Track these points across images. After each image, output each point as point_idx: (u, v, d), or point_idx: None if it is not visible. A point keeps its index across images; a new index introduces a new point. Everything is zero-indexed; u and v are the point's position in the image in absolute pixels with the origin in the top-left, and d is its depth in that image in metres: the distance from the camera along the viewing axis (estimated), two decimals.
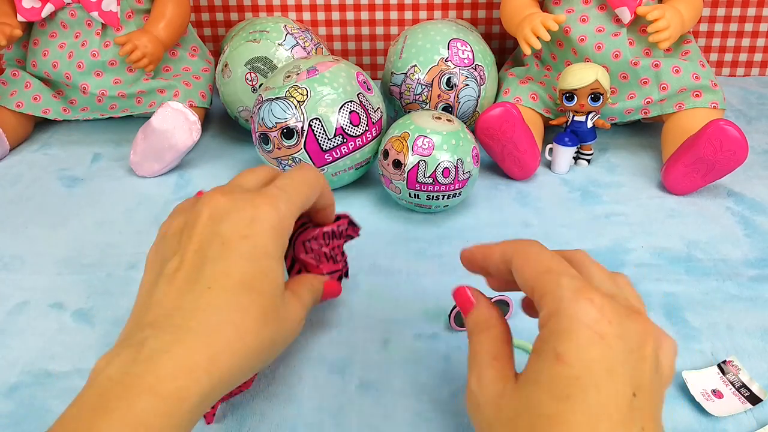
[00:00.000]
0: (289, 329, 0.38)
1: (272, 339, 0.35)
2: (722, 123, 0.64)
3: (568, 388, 0.27)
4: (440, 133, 0.63)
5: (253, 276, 0.34)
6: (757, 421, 0.44)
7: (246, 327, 0.33)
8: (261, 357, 0.35)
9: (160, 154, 0.74)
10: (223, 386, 0.32)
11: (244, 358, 0.33)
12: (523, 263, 0.33)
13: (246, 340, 0.33)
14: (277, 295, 0.36)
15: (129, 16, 0.83)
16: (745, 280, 0.57)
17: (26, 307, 0.55)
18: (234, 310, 0.33)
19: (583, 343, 0.28)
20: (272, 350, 0.36)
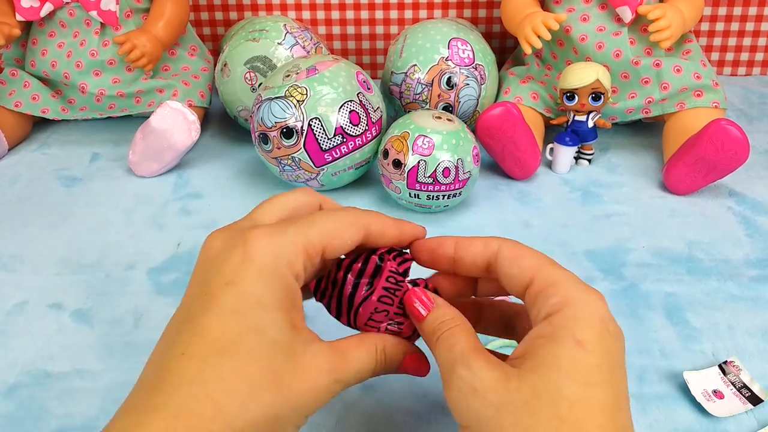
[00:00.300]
0: (303, 399, 0.29)
1: (271, 414, 0.28)
2: (724, 123, 0.64)
3: (590, 375, 0.27)
4: (440, 132, 0.63)
5: (239, 335, 0.28)
6: (758, 421, 0.44)
7: (225, 403, 0.26)
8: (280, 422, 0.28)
9: (159, 153, 0.74)
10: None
11: (257, 411, 0.27)
12: (519, 255, 0.32)
13: (227, 419, 0.26)
14: (275, 356, 0.28)
15: (128, 16, 0.83)
16: (746, 281, 0.57)
17: (25, 308, 0.55)
18: (209, 381, 0.27)
19: (603, 334, 0.28)
20: (277, 426, 0.28)
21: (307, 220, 0.31)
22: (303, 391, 0.29)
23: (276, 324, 0.28)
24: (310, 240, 0.30)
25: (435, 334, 0.32)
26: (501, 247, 0.33)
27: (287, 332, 0.29)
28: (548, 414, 0.27)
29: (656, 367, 0.48)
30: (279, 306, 0.29)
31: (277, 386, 0.28)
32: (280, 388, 0.28)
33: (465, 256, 0.34)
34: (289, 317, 0.29)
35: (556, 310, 0.29)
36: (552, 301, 0.30)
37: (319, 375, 0.29)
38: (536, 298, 0.31)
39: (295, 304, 0.30)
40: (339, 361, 0.31)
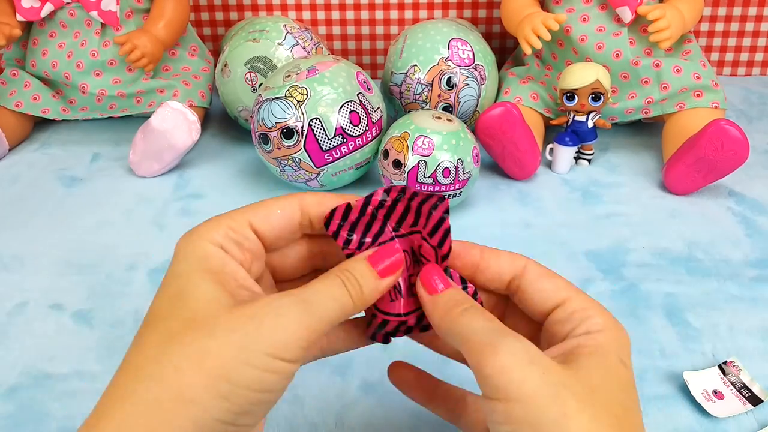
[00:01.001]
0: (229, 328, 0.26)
1: (189, 351, 0.25)
2: (723, 123, 0.64)
3: (633, 393, 0.29)
4: (440, 133, 0.63)
5: (159, 306, 0.27)
6: (758, 422, 0.44)
7: (139, 361, 0.26)
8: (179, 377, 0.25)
9: (159, 153, 0.74)
10: None
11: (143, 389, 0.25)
12: (550, 273, 0.32)
13: (140, 372, 0.25)
14: (192, 308, 0.26)
15: (128, 16, 0.83)
16: (746, 281, 0.57)
17: (25, 308, 0.55)
18: (133, 351, 0.26)
19: (630, 363, 0.30)
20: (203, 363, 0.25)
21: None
22: (237, 325, 0.26)
23: (193, 283, 0.27)
24: (229, 216, 0.30)
25: (459, 306, 0.29)
26: (529, 263, 0.33)
27: (209, 287, 0.27)
28: (607, 411, 0.27)
29: (656, 367, 0.48)
30: (197, 269, 0.27)
31: (198, 328, 0.26)
32: (204, 328, 0.26)
33: (491, 266, 0.33)
34: (211, 276, 0.27)
35: (598, 329, 0.30)
36: (594, 321, 0.30)
37: (259, 308, 0.27)
38: (572, 316, 0.30)
39: (223, 268, 0.28)
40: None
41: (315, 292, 0.28)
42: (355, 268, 0.30)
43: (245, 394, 0.25)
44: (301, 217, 0.31)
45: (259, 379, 0.25)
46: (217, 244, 0.28)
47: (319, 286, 0.28)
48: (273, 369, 0.26)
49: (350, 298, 0.29)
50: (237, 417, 0.25)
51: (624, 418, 0.27)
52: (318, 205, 0.31)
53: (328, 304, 0.28)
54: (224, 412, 0.25)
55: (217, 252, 0.28)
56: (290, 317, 0.26)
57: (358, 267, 0.30)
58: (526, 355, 0.27)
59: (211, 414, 0.24)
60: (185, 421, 0.24)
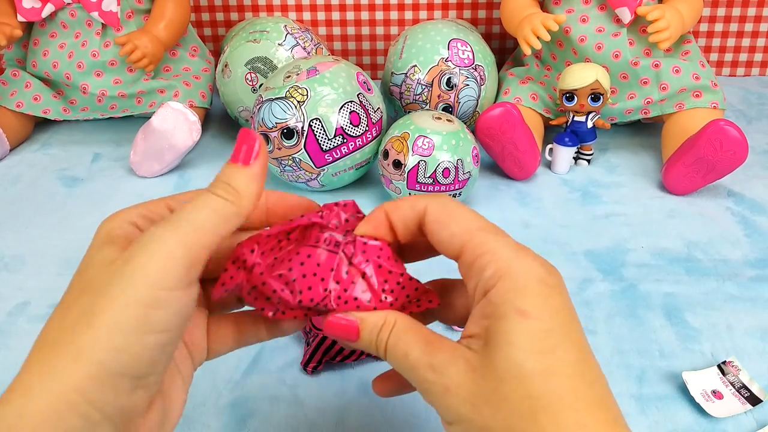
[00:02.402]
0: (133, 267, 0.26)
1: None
2: (722, 123, 0.64)
3: (545, 342, 0.26)
4: (440, 133, 0.63)
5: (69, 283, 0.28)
6: (757, 422, 0.44)
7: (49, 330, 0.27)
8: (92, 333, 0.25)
9: (160, 154, 0.74)
10: None
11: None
12: (447, 218, 0.30)
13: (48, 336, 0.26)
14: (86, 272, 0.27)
15: (129, 16, 0.83)
16: (745, 281, 0.57)
17: (26, 308, 0.55)
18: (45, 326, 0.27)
19: (544, 296, 0.27)
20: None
21: None
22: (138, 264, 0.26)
23: (95, 253, 0.27)
24: (151, 201, 0.30)
25: (379, 347, 0.30)
26: (428, 207, 0.30)
27: (107, 251, 0.27)
28: (519, 395, 0.26)
29: (655, 367, 0.48)
30: (102, 242, 0.28)
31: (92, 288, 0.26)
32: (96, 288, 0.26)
33: (396, 222, 0.31)
34: (113, 245, 0.27)
35: (491, 285, 0.28)
36: (486, 275, 0.28)
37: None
38: (470, 270, 0.29)
39: (128, 238, 0.28)
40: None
41: (185, 210, 0.27)
42: (219, 175, 0.29)
43: (139, 340, 0.25)
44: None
45: (146, 318, 0.25)
46: (129, 221, 0.29)
47: (189, 205, 0.28)
48: (158, 303, 0.25)
49: (225, 200, 0.28)
50: (137, 368, 0.25)
51: (538, 392, 0.26)
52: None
53: (202, 214, 0.27)
54: (124, 365, 0.25)
55: (124, 225, 0.28)
56: (162, 242, 0.26)
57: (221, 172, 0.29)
58: (441, 385, 0.28)
59: (112, 368, 0.25)
60: (86, 380, 0.24)
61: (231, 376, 0.48)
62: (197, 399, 0.46)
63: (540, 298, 0.27)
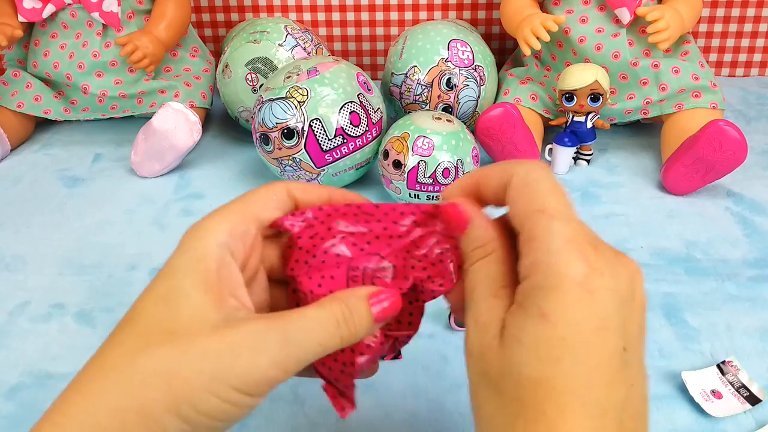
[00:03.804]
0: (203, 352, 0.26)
1: (159, 367, 0.25)
2: (721, 123, 0.64)
3: (554, 350, 0.24)
4: (440, 133, 0.63)
5: (143, 306, 0.28)
6: (756, 421, 0.44)
7: (109, 361, 0.27)
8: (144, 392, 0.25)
9: (160, 154, 0.74)
10: None
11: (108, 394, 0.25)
12: (517, 194, 0.27)
13: (108, 374, 0.26)
14: (174, 318, 0.26)
15: (130, 17, 0.83)
16: (744, 281, 0.57)
17: (27, 308, 0.56)
18: (107, 349, 0.28)
19: (571, 301, 0.25)
20: (171, 384, 0.25)
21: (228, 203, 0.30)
22: (212, 351, 0.26)
23: (182, 289, 0.26)
24: (234, 209, 0.29)
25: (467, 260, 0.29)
26: (512, 179, 0.28)
27: (196, 297, 0.26)
28: (512, 396, 0.25)
29: (655, 367, 0.48)
30: (190, 272, 0.27)
31: (175, 343, 0.26)
32: (179, 345, 0.26)
33: (485, 191, 0.30)
34: (202, 284, 0.27)
35: (525, 274, 0.26)
36: (525, 262, 0.26)
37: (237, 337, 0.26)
38: (519, 253, 0.27)
39: (218, 272, 0.27)
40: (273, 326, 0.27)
41: (302, 329, 0.26)
42: (356, 307, 0.28)
43: (206, 422, 0.25)
44: (291, 202, 0.31)
45: (222, 410, 0.25)
46: (222, 244, 0.28)
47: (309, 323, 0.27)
48: (238, 403, 0.26)
49: (340, 339, 0.27)
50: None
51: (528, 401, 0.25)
52: (303, 192, 0.31)
53: (312, 347, 0.27)
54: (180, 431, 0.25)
55: (218, 252, 0.27)
56: (268, 356, 0.26)
57: (358, 306, 0.28)
58: (468, 345, 0.27)
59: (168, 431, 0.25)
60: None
61: None
62: None
63: (566, 303, 0.25)
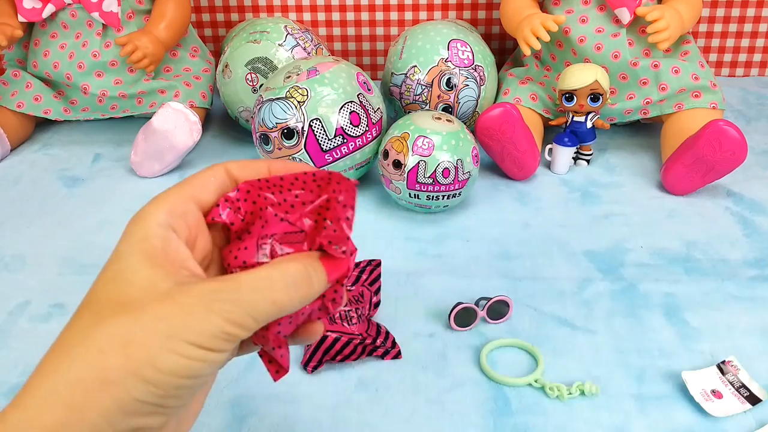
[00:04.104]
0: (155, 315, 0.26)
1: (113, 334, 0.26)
2: (721, 123, 0.64)
3: None
4: (440, 133, 0.63)
5: (96, 290, 0.29)
6: (756, 421, 0.44)
7: (66, 340, 0.27)
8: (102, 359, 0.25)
9: (160, 154, 0.74)
10: None
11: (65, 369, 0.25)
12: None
13: (66, 350, 0.26)
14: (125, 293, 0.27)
15: (130, 17, 0.83)
16: (744, 281, 0.57)
17: (27, 308, 0.56)
18: (64, 332, 0.27)
19: None
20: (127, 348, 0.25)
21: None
22: (164, 313, 0.26)
23: (129, 267, 0.28)
24: (173, 192, 0.30)
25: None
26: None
27: (144, 271, 0.27)
28: None
29: (655, 367, 0.48)
30: (135, 251, 0.28)
31: (126, 313, 0.26)
32: (131, 313, 0.26)
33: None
34: (149, 259, 0.28)
35: None
36: None
37: (188, 297, 0.27)
38: None
39: (165, 248, 0.28)
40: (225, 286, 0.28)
41: (254, 288, 0.27)
42: (311, 266, 0.28)
43: (170, 380, 0.25)
44: (230, 181, 0.31)
45: (183, 365, 0.25)
46: (162, 223, 0.28)
47: (261, 282, 0.27)
48: (198, 357, 0.26)
49: (292, 298, 0.27)
50: (163, 399, 0.26)
51: None
52: (241, 169, 0.32)
53: (265, 305, 0.27)
54: (148, 394, 0.25)
55: (160, 231, 0.28)
56: (221, 314, 0.26)
57: (313, 265, 0.28)
58: None
59: (135, 396, 0.25)
60: (108, 401, 0.25)
61: (230, 375, 0.48)
62: None
63: None
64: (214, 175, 0.31)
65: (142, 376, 0.25)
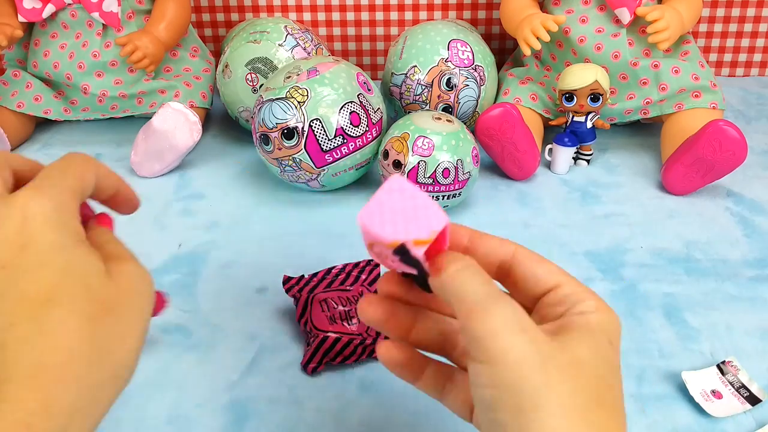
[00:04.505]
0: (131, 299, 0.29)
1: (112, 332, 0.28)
2: (721, 123, 0.64)
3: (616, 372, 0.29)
4: (440, 133, 0.63)
5: (56, 285, 0.27)
6: (756, 421, 0.44)
7: (70, 345, 0.26)
8: (111, 356, 0.28)
9: (160, 154, 0.74)
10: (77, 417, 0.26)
11: (84, 377, 0.27)
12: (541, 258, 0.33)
13: (75, 356, 0.26)
14: (93, 282, 0.28)
15: (130, 17, 0.83)
16: (744, 281, 0.57)
17: None
18: (47, 333, 0.26)
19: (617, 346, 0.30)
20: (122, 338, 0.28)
21: (59, 174, 0.31)
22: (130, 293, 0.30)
23: (80, 257, 0.29)
24: (70, 188, 0.31)
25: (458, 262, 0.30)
26: (519, 248, 0.33)
27: (94, 261, 0.29)
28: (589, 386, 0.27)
29: (655, 367, 0.48)
30: (73, 242, 0.29)
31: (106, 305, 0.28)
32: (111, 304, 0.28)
33: (479, 248, 0.33)
34: (87, 247, 0.29)
35: (591, 311, 0.30)
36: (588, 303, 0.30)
37: (129, 275, 0.31)
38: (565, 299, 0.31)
39: (83, 233, 0.30)
40: (123, 256, 0.32)
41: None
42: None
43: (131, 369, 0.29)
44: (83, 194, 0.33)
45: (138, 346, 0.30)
46: (73, 216, 0.30)
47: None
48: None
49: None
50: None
51: (606, 395, 0.28)
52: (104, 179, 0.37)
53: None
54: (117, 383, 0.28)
55: (75, 221, 0.30)
56: None
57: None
58: (518, 322, 0.27)
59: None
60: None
61: (230, 377, 0.48)
62: (196, 399, 0.46)
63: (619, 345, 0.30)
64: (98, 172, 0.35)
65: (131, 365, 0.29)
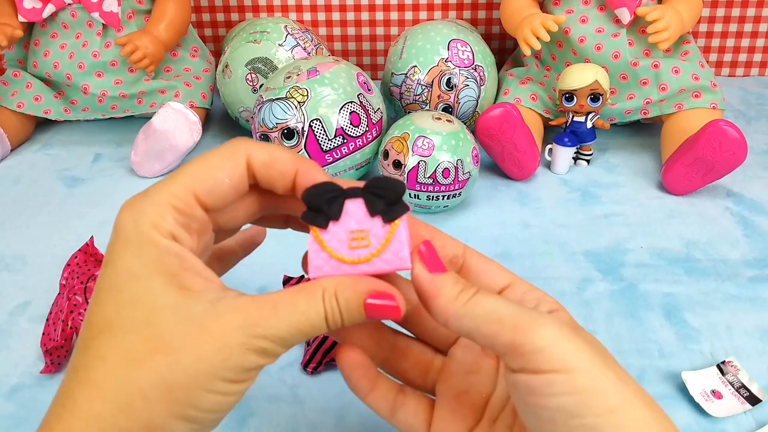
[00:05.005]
0: (205, 361, 0.25)
1: (161, 381, 0.25)
2: (721, 123, 0.64)
3: None
4: (440, 133, 0.63)
5: (115, 312, 0.26)
6: (756, 421, 0.44)
7: (105, 380, 0.25)
8: (148, 407, 0.25)
9: (160, 154, 0.74)
10: None
11: (109, 422, 0.25)
12: (487, 258, 0.32)
13: (108, 395, 0.25)
14: (160, 323, 0.26)
15: (130, 17, 0.83)
16: (744, 281, 0.57)
17: (27, 308, 0.56)
18: (90, 364, 0.26)
19: None
20: (176, 394, 0.25)
21: (173, 173, 0.28)
22: (204, 353, 0.26)
23: (153, 290, 0.26)
24: (174, 193, 0.27)
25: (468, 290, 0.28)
26: (467, 247, 0.33)
27: (171, 296, 0.26)
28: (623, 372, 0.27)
29: (655, 367, 0.48)
30: (154, 271, 0.26)
31: (165, 353, 0.25)
32: (171, 353, 0.25)
33: (435, 241, 0.32)
34: (171, 280, 0.26)
35: (556, 308, 0.31)
36: (548, 300, 0.31)
37: (225, 333, 0.26)
38: (525, 296, 0.32)
39: (182, 264, 0.27)
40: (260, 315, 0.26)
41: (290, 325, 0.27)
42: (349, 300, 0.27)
43: (211, 416, 0.26)
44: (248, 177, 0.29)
45: (224, 402, 0.26)
46: (171, 234, 0.27)
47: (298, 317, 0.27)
48: (236, 391, 0.27)
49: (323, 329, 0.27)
50: (202, 428, 0.27)
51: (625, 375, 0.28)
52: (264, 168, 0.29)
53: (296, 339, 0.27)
54: (190, 430, 0.26)
55: (175, 247, 0.27)
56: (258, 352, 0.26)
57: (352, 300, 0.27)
58: (563, 326, 0.27)
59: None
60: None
61: None
62: None
63: None
64: (230, 176, 0.28)
65: (185, 416, 0.26)
